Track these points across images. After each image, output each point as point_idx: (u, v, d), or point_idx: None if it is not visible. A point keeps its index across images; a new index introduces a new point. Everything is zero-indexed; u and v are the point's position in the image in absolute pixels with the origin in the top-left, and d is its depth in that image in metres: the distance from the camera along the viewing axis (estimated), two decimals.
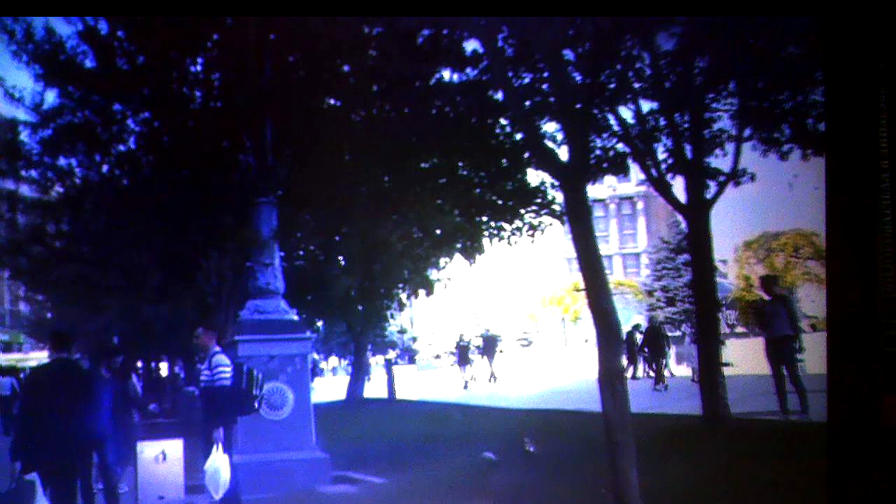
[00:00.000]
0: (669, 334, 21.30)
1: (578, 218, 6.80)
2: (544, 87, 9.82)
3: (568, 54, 7.76)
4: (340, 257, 19.68)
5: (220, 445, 7.94)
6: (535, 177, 17.60)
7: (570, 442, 10.80)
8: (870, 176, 3.95)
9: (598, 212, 42.92)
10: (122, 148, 16.00)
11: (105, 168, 16.66)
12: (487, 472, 9.12)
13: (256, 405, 8.44)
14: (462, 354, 31.48)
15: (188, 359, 19.50)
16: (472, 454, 10.02)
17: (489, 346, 30.79)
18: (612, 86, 10.72)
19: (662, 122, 11.36)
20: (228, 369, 8.19)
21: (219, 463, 7.88)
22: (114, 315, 23.64)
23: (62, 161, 16.65)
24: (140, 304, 18.97)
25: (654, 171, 11.34)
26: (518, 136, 16.00)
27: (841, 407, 4.32)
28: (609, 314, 6.34)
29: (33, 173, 17.30)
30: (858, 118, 3.94)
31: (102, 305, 23.46)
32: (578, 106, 7.36)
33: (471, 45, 11.89)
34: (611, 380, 6.05)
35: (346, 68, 13.94)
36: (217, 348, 8.39)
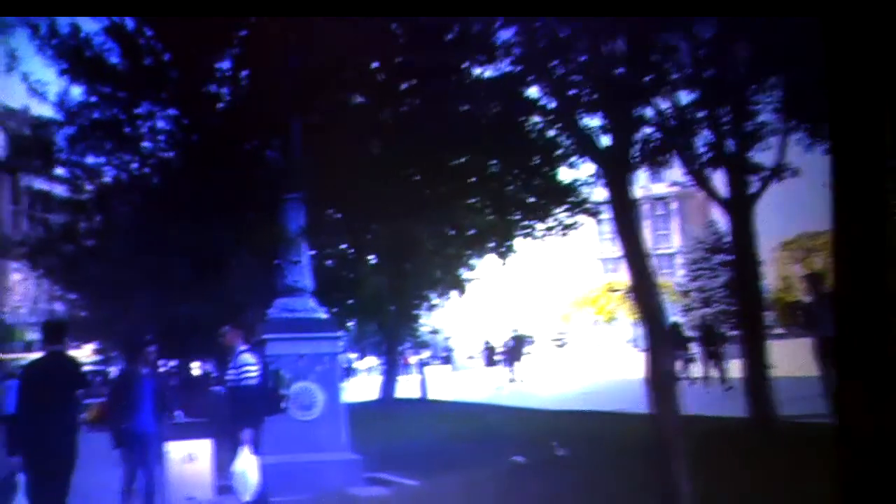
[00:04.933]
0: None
1: (623, 211, 6.49)
2: (581, 77, 9.50)
3: (608, 45, 7.45)
4: (371, 256, 19.50)
5: (248, 447, 7.69)
6: (568, 174, 17.33)
7: (604, 444, 10.60)
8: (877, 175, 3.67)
9: None
10: (149, 145, 15.91)
11: (135, 166, 16.60)
12: (516, 476, 9.02)
13: (284, 405, 8.19)
14: (489, 356, 31.40)
15: (220, 357, 19.37)
16: (507, 456, 9.95)
17: (516, 348, 31.02)
18: (651, 77, 10.35)
19: (703, 115, 10.93)
20: (255, 368, 7.94)
21: (247, 465, 7.63)
22: (144, 313, 23.68)
23: (92, 160, 16.62)
24: (169, 302, 18.92)
25: (694, 166, 10.93)
26: (550, 133, 15.76)
27: None
28: (658, 312, 6.01)
29: (64, 172, 17.27)
30: (863, 117, 3.67)
31: (133, 304, 23.51)
32: (618, 97, 7.06)
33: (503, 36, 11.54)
34: (661, 381, 5.70)
35: (375, 64, 13.73)
36: (243, 347, 8.15)
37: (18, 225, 37.46)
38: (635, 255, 6.19)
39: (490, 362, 31.61)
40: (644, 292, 6.07)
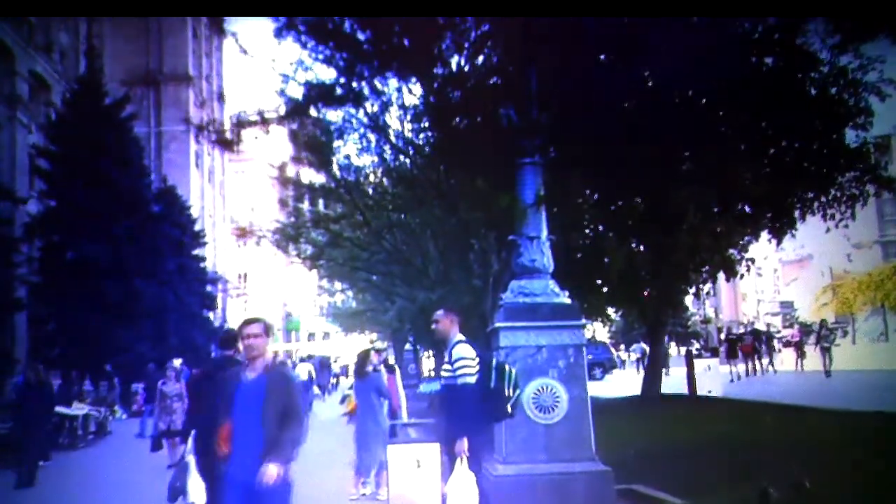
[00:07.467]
0: None
1: None
2: None
3: None
4: (632, 238, 17.86)
5: (465, 459, 6.31)
6: (853, 137, 14.74)
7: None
8: None
9: None
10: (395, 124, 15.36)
11: (388, 150, 16.21)
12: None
13: (510, 409, 6.67)
14: (730, 349, 30.31)
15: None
16: (785, 467, 8.53)
17: (756, 341, 31.25)
18: None
19: None
20: (473, 363, 6.53)
21: (462, 483, 6.27)
22: (400, 303, 23.63)
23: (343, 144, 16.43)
24: (417, 290, 18.50)
25: None
26: (833, 91, 13.43)
27: None
28: None
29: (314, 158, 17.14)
30: None
31: (392, 293, 23.57)
32: None
33: None
34: None
35: (624, 20, 12.15)
36: (460, 337, 6.78)
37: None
38: None
39: (731, 355, 30.14)
40: None
